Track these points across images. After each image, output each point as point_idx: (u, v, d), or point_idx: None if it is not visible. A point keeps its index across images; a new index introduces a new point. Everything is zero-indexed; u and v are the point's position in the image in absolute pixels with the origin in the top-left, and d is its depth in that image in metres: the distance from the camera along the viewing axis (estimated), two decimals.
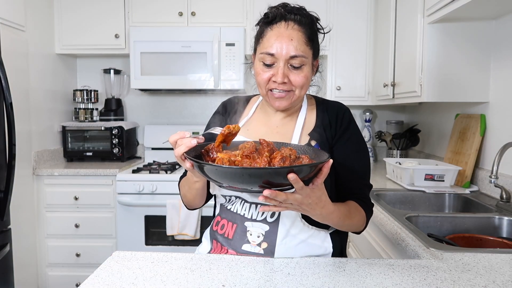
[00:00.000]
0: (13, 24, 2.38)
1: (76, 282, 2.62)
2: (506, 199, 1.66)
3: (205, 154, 0.90)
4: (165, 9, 2.81)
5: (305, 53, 1.00)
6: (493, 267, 0.99)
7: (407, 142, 2.86)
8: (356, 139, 1.09)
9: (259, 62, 1.03)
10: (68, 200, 2.59)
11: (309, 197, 0.82)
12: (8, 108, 1.95)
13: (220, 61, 2.74)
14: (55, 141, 2.91)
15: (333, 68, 2.80)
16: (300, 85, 1.01)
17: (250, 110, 1.17)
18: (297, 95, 1.03)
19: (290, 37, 0.98)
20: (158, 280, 0.88)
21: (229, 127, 0.89)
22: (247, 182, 0.75)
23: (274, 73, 1.00)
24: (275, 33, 0.99)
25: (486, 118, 1.94)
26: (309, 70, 1.03)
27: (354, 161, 1.06)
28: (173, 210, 2.44)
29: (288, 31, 0.99)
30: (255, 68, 1.05)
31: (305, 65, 1.01)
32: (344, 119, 1.09)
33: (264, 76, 1.01)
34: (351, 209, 1.00)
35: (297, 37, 0.98)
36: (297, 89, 1.02)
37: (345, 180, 1.06)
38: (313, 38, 1.03)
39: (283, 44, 0.98)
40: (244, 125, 1.13)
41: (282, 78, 0.99)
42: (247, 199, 1.04)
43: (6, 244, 2.03)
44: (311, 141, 1.06)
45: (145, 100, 3.25)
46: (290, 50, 0.98)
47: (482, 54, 1.88)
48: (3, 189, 1.97)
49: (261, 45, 1.02)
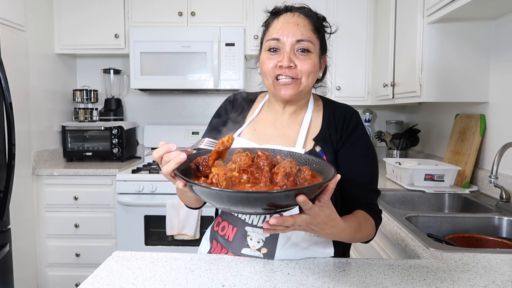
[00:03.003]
0: (13, 24, 2.37)
1: (76, 282, 2.62)
2: (505, 199, 1.66)
3: (195, 169, 0.79)
4: (165, 9, 2.81)
5: (312, 39, 0.98)
6: (492, 267, 0.99)
7: (407, 142, 2.86)
8: (363, 143, 1.04)
9: (265, 52, 1.01)
10: (68, 200, 2.59)
11: (318, 216, 0.75)
12: (7, 108, 1.95)
13: (220, 61, 2.74)
14: (55, 141, 2.91)
15: (333, 68, 2.79)
16: (307, 71, 0.98)
17: (256, 108, 1.14)
18: (304, 83, 0.99)
19: (296, 22, 0.98)
20: (157, 280, 0.88)
21: (223, 142, 0.79)
22: (250, 205, 0.67)
23: (279, 59, 0.98)
24: (281, 21, 0.99)
25: (486, 118, 1.94)
26: (317, 59, 1.00)
27: (360, 166, 1.01)
28: (172, 210, 2.44)
29: (294, 18, 0.99)
30: (261, 59, 1.03)
31: (312, 53, 0.99)
32: (351, 122, 1.04)
33: (269, 63, 0.99)
34: (361, 221, 0.94)
35: (303, 23, 0.98)
36: (303, 77, 0.98)
37: (350, 186, 1.00)
38: (320, 29, 1.02)
39: (289, 29, 0.97)
40: (251, 124, 1.11)
41: (288, 61, 0.96)
42: None
43: (5, 244, 2.03)
44: (315, 146, 1.02)
45: (145, 100, 3.25)
46: (296, 34, 0.97)
47: (482, 54, 1.88)
48: (3, 189, 1.97)
49: (266, 35, 1.02)
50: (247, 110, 1.15)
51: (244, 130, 1.10)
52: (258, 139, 1.07)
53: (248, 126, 1.10)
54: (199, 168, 0.79)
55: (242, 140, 1.07)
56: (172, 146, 0.78)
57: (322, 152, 1.02)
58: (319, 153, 1.02)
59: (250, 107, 1.15)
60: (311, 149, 1.02)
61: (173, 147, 0.78)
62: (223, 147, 0.79)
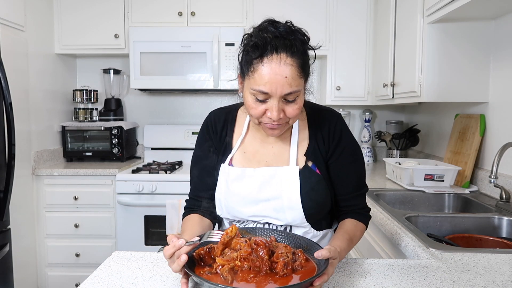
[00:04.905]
0: (13, 24, 2.37)
1: (76, 282, 2.62)
2: (505, 199, 1.66)
3: (198, 259, 0.86)
4: (165, 9, 2.81)
5: (299, 87, 0.94)
6: (492, 267, 0.99)
7: (406, 142, 2.86)
8: (349, 150, 1.09)
9: (251, 96, 0.96)
10: (68, 200, 2.59)
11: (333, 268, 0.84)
12: (7, 108, 1.95)
13: (219, 61, 2.74)
14: (55, 141, 2.90)
15: (333, 68, 2.80)
16: (294, 116, 0.97)
17: (242, 127, 1.12)
18: (290, 124, 1.01)
19: (284, 74, 0.91)
20: (157, 280, 0.88)
21: (227, 233, 0.86)
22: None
23: (268, 107, 0.95)
24: (268, 70, 0.91)
25: (485, 118, 1.94)
26: (302, 97, 0.99)
27: (348, 174, 1.08)
28: (172, 210, 2.43)
29: (281, 67, 0.91)
30: (246, 100, 0.98)
31: (298, 97, 0.96)
32: (336, 131, 1.08)
33: (257, 110, 0.96)
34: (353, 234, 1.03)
35: (290, 73, 0.91)
36: (290, 120, 0.99)
37: (341, 192, 1.08)
38: (305, 65, 0.96)
39: (277, 82, 0.91)
40: (240, 147, 1.10)
41: (277, 115, 0.94)
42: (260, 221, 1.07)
43: (5, 244, 2.03)
44: (307, 161, 1.06)
45: (145, 100, 3.25)
46: (284, 88, 0.92)
47: (482, 54, 1.88)
48: (3, 189, 1.97)
49: (251, 80, 0.94)
50: (231, 131, 1.12)
51: (234, 156, 1.10)
52: (250, 162, 1.08)
53: (238, 148, 1.10)
54: (203, 260, 0.86)
55: (235, 169, 1.06)
56: (181, 243, 0.81)
57: (314, 167, 1.06)
58: (312, 168, 1.06)
59: (233, 127, 1.13)
60: (304, 165, 1.06)
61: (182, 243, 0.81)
62: (228, 238, 0.86)
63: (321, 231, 1.09)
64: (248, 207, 1.05)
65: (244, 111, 1.13)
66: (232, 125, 1.13)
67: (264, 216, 1.05)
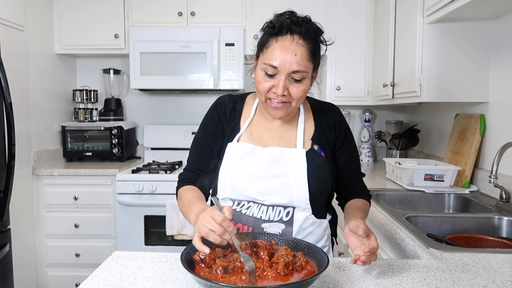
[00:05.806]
0: (13, 24, 2.37)
1: (76, 282, 2.62)
2: (505, 199, 1.66)
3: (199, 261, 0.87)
4: (165, 9, 2.81)
5: (307, 68, 1.01)
6: (492, 267, 0.99)
7: (406, 142, 2.86)
8: (352, 144, 1.21)
9: (261, 71, 1.04)
10: (68, 200, 2.59)
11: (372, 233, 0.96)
12: (7, 108, 1.95)
13: (219, 61, 2.74)
14: (55, 141, 2.90)
15: (333, 68, 2.80)
16: (298, 97, 1.04)
17: (250, 111, 1.18)
18: (293, 106, 1.06)
19: (294, 52, 0.99)
20: (157, 280, 0.88)
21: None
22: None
23: (274, 84, 1.02)
24: (280, 46, 1.00)
25: (485, 118, 1.94)
26: (309, 83, 1.06)
27: (353, 162, 1.22)
28: (172, 210, 2.44)
29: (293, 45, 1.00)
30: (257, 76, 1.06)
31: (305, 79, 1.03)
32: (342, 122, 1.19)
33: (265, 85, 1.03)
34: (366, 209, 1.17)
35: (300, 52, 1.00)
36: (294, 101, 1.05)
37: (348, 178, 1.21)
38: (316, 52, 1.04)
39: (286, 58, 0.99)
40: (247, 128, 1.15)
41: (282, 90, 1.01)
42: (264, 203, 1.09)
43: (5, 244, 2.03)
44: (314, 145, 1.13)
45: (145, 100, 3.25)
46: (293, 65, 0.99)
47: (482, 54, 1.88)
48: (3, 189, 1.97)
49: (264, 55, 1.03)
50: (240, 111, 1.18)
51: (241, 136, 1.14)
52: (255, 142, 1.13)
53: (245, 130, 1.15)
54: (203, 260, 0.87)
55: (245, 144, 1.11)
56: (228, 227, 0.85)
57: (320, 150, 1.14)
58: (318, 151, 1.13)
59: (242, 108, 1.19)
60: (310, 148, 1.13)
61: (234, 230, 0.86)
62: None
63: (318, 219, 1.13)
64: (255, 184, 1.08)
65: (253, 97, 1.21)
66: (241, 109, 1.19)
67: (270, 193, 1.08)
